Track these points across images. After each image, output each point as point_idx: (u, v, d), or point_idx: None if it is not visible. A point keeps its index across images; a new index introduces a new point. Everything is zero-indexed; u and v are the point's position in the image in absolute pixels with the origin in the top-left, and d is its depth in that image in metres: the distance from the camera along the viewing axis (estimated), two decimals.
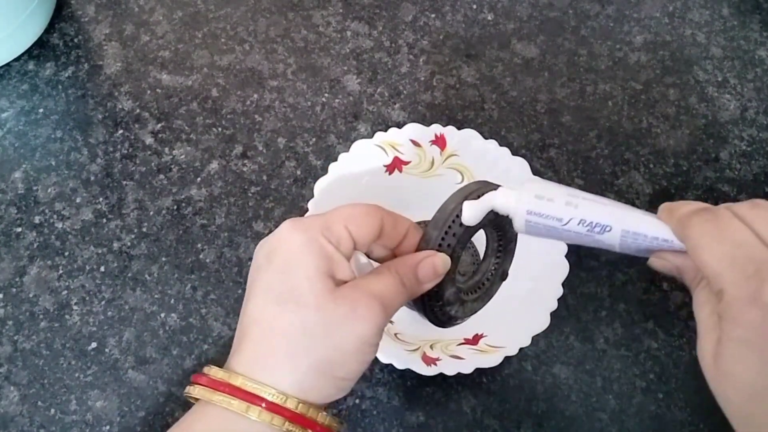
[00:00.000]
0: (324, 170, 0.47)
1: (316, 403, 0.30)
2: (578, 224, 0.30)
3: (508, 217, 0.33)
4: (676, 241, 0.29)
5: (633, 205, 0.51)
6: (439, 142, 0.48)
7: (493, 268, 0.37)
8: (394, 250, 0.33)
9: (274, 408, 0.28)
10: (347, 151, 0.47)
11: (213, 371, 0.30)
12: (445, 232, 0.32)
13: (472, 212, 0.32)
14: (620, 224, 0.29)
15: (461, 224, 0.32)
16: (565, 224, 0.30)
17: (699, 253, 0.26)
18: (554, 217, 0.30)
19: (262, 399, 0.28)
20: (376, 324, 0.29)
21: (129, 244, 0.50)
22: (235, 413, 0.28)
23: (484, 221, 0.33)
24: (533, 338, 0.41)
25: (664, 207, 0.29)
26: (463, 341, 0.44)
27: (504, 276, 0.38)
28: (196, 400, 0.30)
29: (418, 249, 0.33)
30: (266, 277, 0.30)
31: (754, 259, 0.25)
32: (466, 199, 0.32)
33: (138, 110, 0.55)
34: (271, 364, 0.29)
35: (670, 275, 0.30)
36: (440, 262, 0.32)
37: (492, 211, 0.33)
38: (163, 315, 0.47)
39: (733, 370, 0.25)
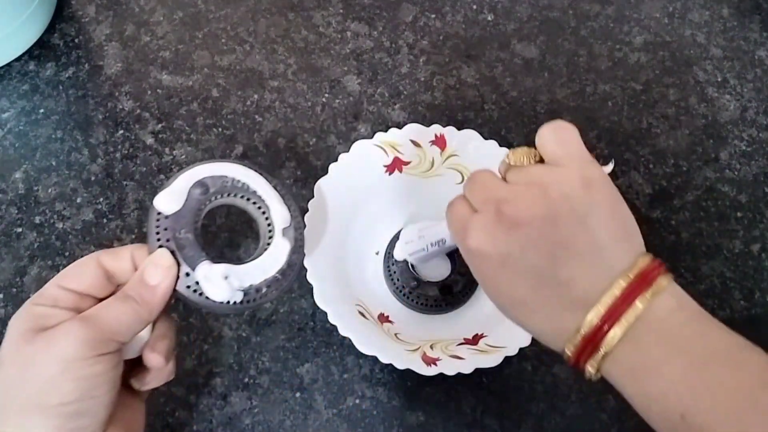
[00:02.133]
0: (324, 170, 0.47)
1: None
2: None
3: (222, 179, 0.36)
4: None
5: (633, 205, 0.52)
6: (439, 142, 0.48)
7: (267, 224, 0.38)
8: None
9: None
10: (347, 151, 0.47)
11: None
12: (156, 231, 0.34)
13: (164, 200, 0.34)
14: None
15: (166, 216, 0.34)
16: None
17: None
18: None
19: None
20: (76, 338, 0.30)
21: (129, 244, 0.50)
22: None
23: (198, 198, 0.35)
24: (533, 338, 0.41)
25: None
26: (463, 341, 0.44)
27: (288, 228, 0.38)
28: None
29: None
30: None
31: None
32: (155, 195, 0.35)
33: (138, 110, 0.55)
34: (6, 427, 0.30)
35: None
36: (156, 257, 0.33)
37: (196, 186, 0.35)
38: None
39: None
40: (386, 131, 0.48)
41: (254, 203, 0.38)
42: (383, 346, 0.42)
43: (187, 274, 0.33)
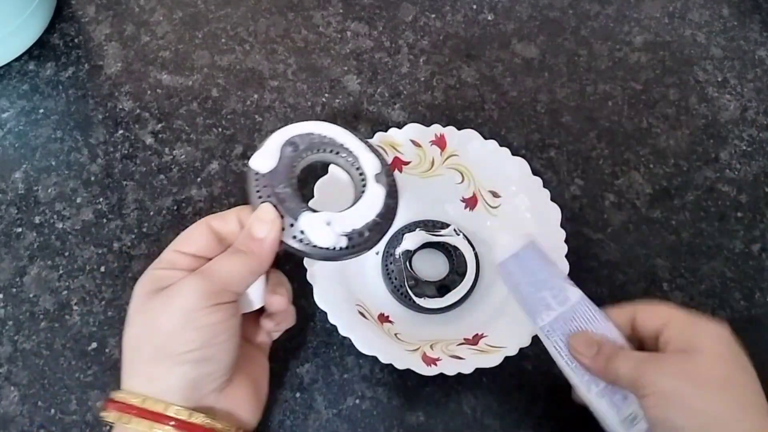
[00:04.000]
0: (324, 170, 0.47)
1: (200, 397, 0.33)
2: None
3: (310, 136, 0.38)
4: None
5: (633, 205, 0.52)
6: (439, 142, 0.48)
7: (359, 174, 0.39)
8: None
9: (183, 426, 0.32)
10: None
11: (119, 395, 0.33)
12: (256, 190, 0.35)
13: (259, 160, 0.36)
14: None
15: (264, 175, 0.36)
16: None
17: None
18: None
19: (170, 418, 0.32)
20: (194, 290, 0.32)
21: (129, 244, 0.50)
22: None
23: (290, 156, 0.37)
24: (533, 338, 0.41)
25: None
26: (463, 341, 0.44)
27: (381, 174, 0.39)
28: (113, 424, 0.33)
29: None
30: None
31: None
32: (251, 158, 0.36)
33: (138, 110, 0.55)
34: (137, 377, 0.33)
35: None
36: (261, 211, 0.35)
37: (286, 145, 0.37)
38: None
39: None
40: (386, 131, 0.48)
41: (343, 156, 0.39)
42: (383, 346, 0.42)
43: (291, 225, 0.35)
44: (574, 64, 0.58)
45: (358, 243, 0.36)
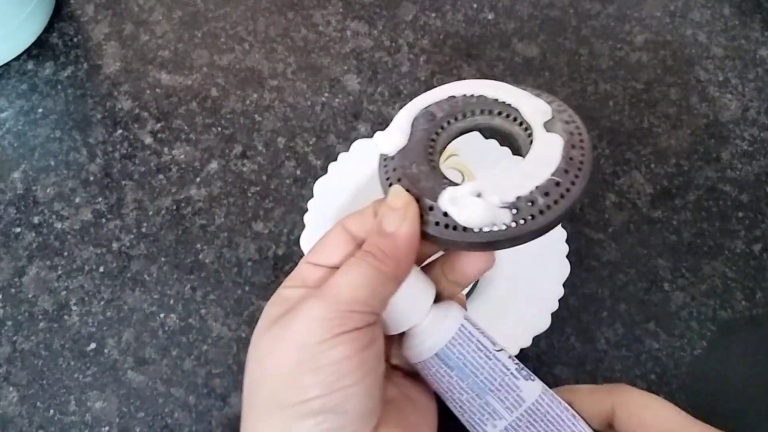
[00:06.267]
0: (324, 170, 0.47)
1: None
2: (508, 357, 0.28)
3: (450, 101, 0.30)
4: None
5: (634, 205, 0.52)
6: None
7: (525, 130, 0.30)
8: None
9: None
10: (347, 151, 0.47)
11: None
12: (386, 176, 0.29)
13: (384, 140, 0.29)
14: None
15: (393, 157, 0.29)
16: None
17: None
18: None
19: None
20: (312, 318, 0.25)
21: (128, 244, 0.49)
22: None
23: (425, 128, 0.30)
24: (534, 339, 0.41)
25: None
26: None
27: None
28: None
29: None
30: None
31: None
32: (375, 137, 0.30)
33: (137, 110, 0.55)
34: (251, 430, 0.26)
35: None
36: (391, 197, 0.27)
37: (420, 117, 0.30)
38: (162, 315, 0.47)
39: None
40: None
41: (500, 113, 0.30)
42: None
43: (431, 209, 0.27)
44: (574, 63, 0.57)
45: (529, 215, 0.25)
